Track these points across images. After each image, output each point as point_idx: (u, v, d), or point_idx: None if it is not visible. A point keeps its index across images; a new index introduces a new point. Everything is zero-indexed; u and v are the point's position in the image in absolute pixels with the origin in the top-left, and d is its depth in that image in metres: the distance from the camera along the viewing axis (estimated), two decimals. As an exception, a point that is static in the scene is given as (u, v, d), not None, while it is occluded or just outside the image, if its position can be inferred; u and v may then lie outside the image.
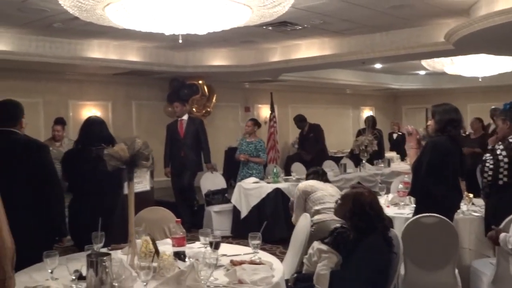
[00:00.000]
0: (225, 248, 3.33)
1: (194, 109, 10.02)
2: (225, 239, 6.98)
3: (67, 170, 4.30)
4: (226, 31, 5.41)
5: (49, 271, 2.73)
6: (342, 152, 12.28)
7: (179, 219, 3.57)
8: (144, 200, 6.22)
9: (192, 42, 7.72)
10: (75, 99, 9.51)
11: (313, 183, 5.17)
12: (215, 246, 2.95)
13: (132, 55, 8.63)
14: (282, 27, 7.30)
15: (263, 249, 3.18)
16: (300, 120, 9.86)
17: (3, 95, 7.77)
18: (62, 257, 2.90)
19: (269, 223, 5.20)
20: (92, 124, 4.33)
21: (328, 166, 8.80)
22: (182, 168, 7.75)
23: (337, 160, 9.75)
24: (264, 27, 7.09)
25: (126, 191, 3.97)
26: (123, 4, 4.36)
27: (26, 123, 3.73)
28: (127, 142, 2.77)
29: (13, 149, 3.49)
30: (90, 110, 9.47)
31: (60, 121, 7.42)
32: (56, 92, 9.14)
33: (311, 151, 9.60)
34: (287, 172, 8.48)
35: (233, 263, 2.86)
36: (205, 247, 3.18)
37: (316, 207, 4.93)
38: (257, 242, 3.08)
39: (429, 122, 4.27)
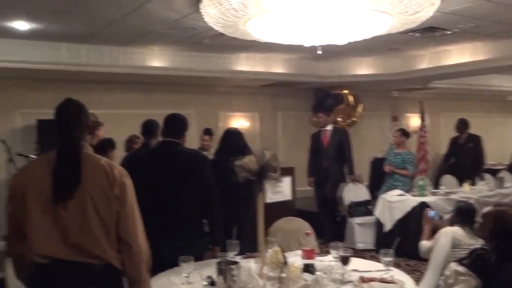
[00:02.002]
0: (357, 263, 3.24)
1: (339, 119, 9.96)
2: (368, 252, 6.83)
3: None
4: (369, 40, 5.32)
5: (185, 275, 2.88)
6: (501, 164, 11.33)
7: (309, 231, 3.55)
8: (284, 209, 6.36)
9: (336, 52, 7.69)
10: (225, 110, 9.98)
11: (459, 235, 3.93)
12: (344, 261, 2.89)
13: (277, 66, 8.85)
14: (430, 33, 6.96)
15: (407, 265, 3.03)
16: (462, 123, 9.09)
17: (161, 107, 8.53)
18: (196, 262, 3.04)
19: (414, 239, 4.92)
20: (229, 135, 4.52)
21: (484, 180, 8.20)
22: (324, 179, 7.71)
23: (494, 172, 9.03)
24: (410, 34, 6.82)
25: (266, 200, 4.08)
26: (262, 19, 4.50)
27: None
28: (256, 154, 2.83)
29: (180, 159, 3.72)
30: (238, 121, 9.90)
31: (208, 132, 7.85)
32: (207, 104, 9.67)
33: (468, 162, 8.92)
34: (437, 185, 8.04)
35: (362, 280, 2.78)
36: (336, 261, 3.13)
37: None
38: (389, 259, 2.96)
39: None
